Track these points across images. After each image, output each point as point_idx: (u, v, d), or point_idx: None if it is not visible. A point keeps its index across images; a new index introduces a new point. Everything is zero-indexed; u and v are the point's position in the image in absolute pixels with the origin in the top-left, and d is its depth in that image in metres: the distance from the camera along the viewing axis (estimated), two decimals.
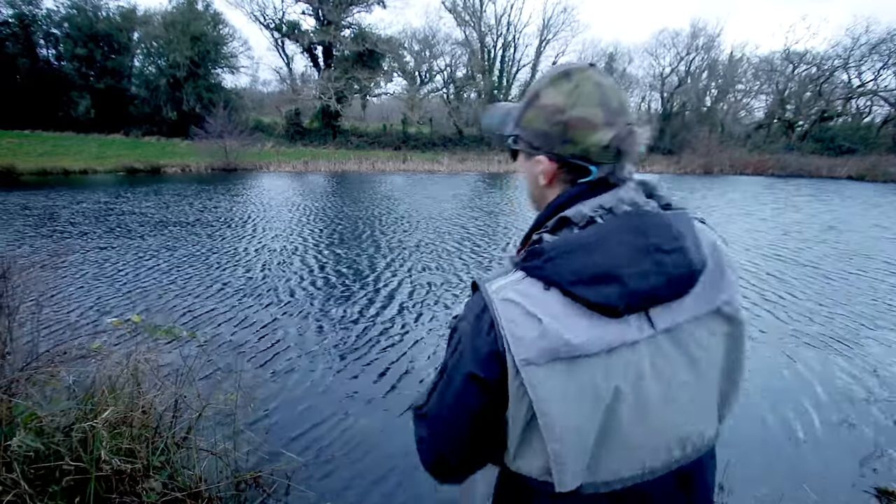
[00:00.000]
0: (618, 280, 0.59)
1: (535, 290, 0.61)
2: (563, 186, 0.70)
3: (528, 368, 0.59)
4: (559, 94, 0.66)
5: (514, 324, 0.60)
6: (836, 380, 3.41)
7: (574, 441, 0.61)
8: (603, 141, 0.64)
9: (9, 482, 1.53)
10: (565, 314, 0.59)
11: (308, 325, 4.24)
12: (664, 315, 0.62)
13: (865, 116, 35.39)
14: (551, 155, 0.68)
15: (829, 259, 7.04)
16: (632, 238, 0.61)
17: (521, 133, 0.71)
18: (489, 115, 0.80)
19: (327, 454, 2.49)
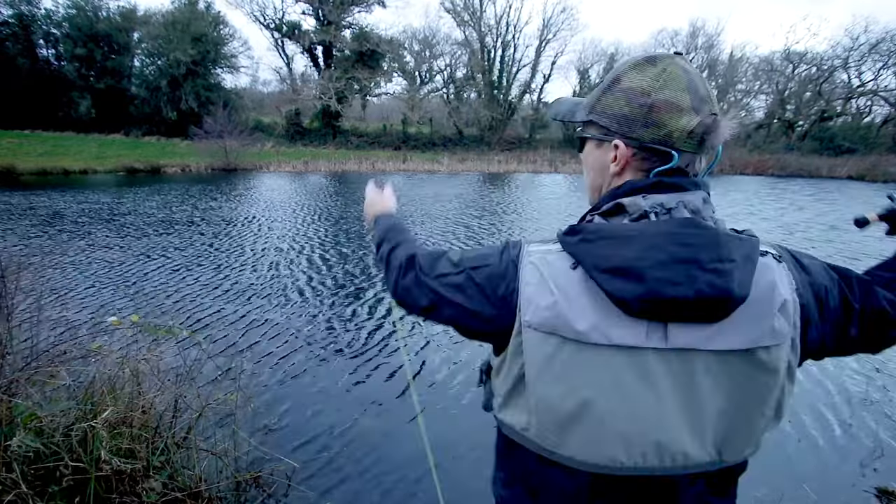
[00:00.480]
0: (638, 278, 0.57)
1: (562, 264, 0.62)
2: (636, 175, 0.66)
3: (528, 331, 0.62)
4: (644, 77, 0.63)
5: (529, 286, 0.62)
6: (836, 379, 3.41)
7: (549, 408, 0.63)
8: (689, 125, 0.61)
9: (8, 482, 1.52)
10: (580, 296, 0.60)
11: (309, 325, 4.24)
12: (684, 334, 0.59)
13: (865, 116, 35.40)
14: (629, 140, 0.65)
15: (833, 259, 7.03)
16: (673, 245, 0.57)
17: (596, 118, 0.68)
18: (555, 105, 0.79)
19: (328, 454, 2.48)
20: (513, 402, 0.68)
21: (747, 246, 0.61)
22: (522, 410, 0.66)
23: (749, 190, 18.34)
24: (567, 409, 0.62)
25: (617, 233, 0.60)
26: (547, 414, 0.64)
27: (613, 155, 0.66)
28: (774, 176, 25.96)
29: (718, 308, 0.58)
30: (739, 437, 0.65)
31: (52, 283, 5.15)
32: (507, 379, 0.67)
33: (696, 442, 0.63)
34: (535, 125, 38.74)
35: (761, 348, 0.60)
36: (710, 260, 0.57)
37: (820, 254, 5.70)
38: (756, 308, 0.59)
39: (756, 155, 29.81)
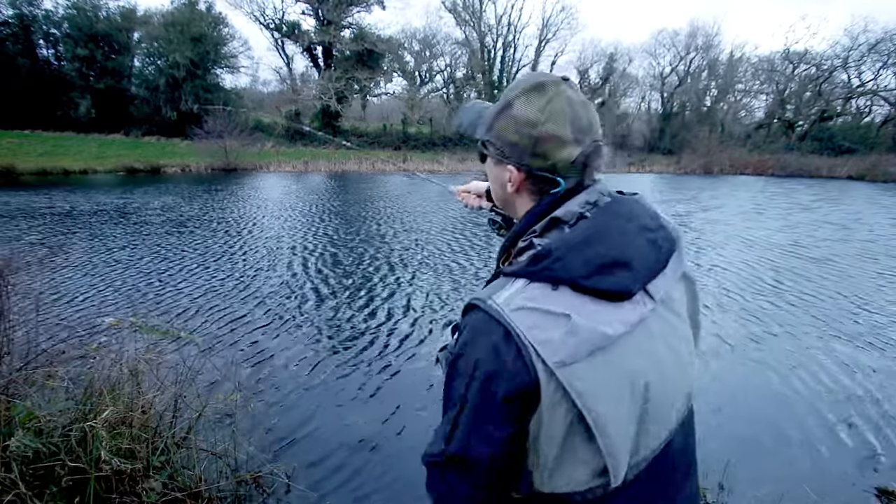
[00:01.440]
0: (627, 265, 0.62)
1: (544, 293, 0.60)
2: (531, 195, 0.72)
3: (564, 369, 0.57)
4: (532, 107, 0.67)
5: (537, 329, 0.58)
6: (836, 379, 3.41)
7: (622, 431, 0.60)
8: (571, 157, 0.66)
9: (7, 482, 1.52)
10: (583, 307, 0.59)
11: (309, 325, 4.23)
12: (658, 286, 0.66)
13: (865, 116, 35.40)
14: (520, 165, 0.69)
15: (840, 257, 7.04)
16: (624, 224, 0.65)
17: (493, 139, 0.72)
18: (461, 114, 0.81)
19: (327, 454, 2.48)
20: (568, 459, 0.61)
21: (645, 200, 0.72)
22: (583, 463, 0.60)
23: (753, 189, 18.34)
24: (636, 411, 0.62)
25: (578, 239, 0.63)
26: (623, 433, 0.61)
27: (509, 176, 0.72)
28: (774, 176, 25.96)
29: (671, 253, 0.69)
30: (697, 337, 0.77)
31: (51, 283, 5.14)
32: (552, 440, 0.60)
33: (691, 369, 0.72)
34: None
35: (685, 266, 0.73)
36: (650, 220, 0.68)
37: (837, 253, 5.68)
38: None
39: (756, 155, 29.82)
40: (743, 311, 4.75)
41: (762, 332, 4.25)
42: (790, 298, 5.21)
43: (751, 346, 3.96)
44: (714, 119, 37.67)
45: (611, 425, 0.59)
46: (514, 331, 0.58)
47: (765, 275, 6.12)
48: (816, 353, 3.83)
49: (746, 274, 6.15)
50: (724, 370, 3.52)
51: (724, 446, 2.60)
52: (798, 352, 3.86)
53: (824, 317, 4.67)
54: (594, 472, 0.61)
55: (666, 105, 39.36)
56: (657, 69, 39.65)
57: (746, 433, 2.75)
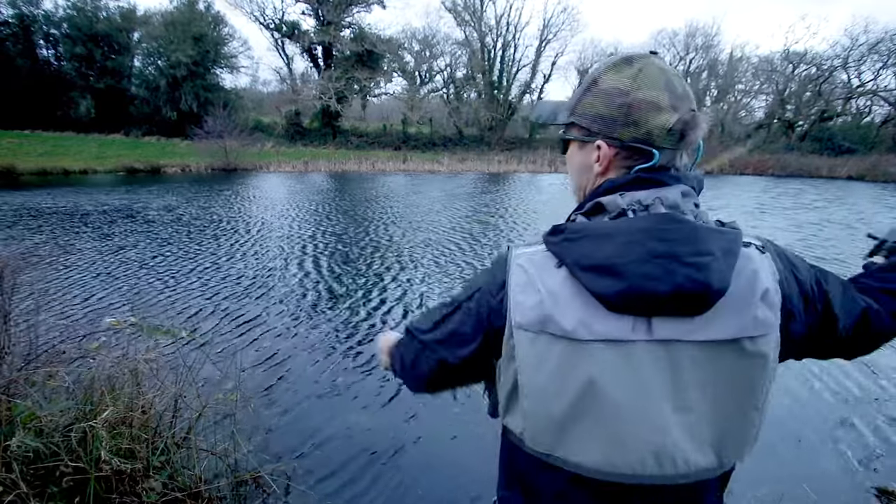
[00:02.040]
0: (618, 275, 0.58)
1: (547, 264, 0.63)
2: (619, 173, 0.67)
3: (518, 332, 0.63)
4: (622, 77, 0.64)
5: (518, 288, 0.63)
6: (836, 379, 3.41)
7: (542, 410, 0.64)
8: (668, 123, 0.62)
9: (8, 482, 1.52)
10: (566, 294, 0.61)
11: (309, 325, 4.23)
12: (667, 327, 0.59)
13: (865, 116, 35.39)
14: (611, 139, 0.65)
15: (845, 256, 7.04)
16: (650, 240, 0.58)
17: (578, 120, 0.69)
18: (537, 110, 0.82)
19: (328, 454, 2.48)
20: (511, 406, 0.69)
21: (728, 238, 0.61)
22: (518, 415, 0.68)
23: (755, 189, 18.34)
24: (560, 408, 0.63)
25: (597, 231, 0.61)
26: (540, 415, 0.65)
27: (597, 155, 0.67)
28: (775, 176, 25.96)
29: (698, 301, 0.58)
30: (736, 435, 0.64)
31: (52, 283, 5.15)
32: (505, 385, 0.68)
33: (695, 443, 0.62)
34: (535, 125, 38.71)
35: (746, 338, 0.60)
36: (688, 254, 0.58)
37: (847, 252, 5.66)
38: (738, 298, 0.60)
39: (756, 155, 29.81)
40: None
41: None
42: None
43: None
44: (714, 119, 37.68)
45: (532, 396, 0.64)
46: (507, 280, 0.65)
47: None
48: None
49: None
50: None
51: None
52: None
53: None
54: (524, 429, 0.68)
55: None
56: None
57: None
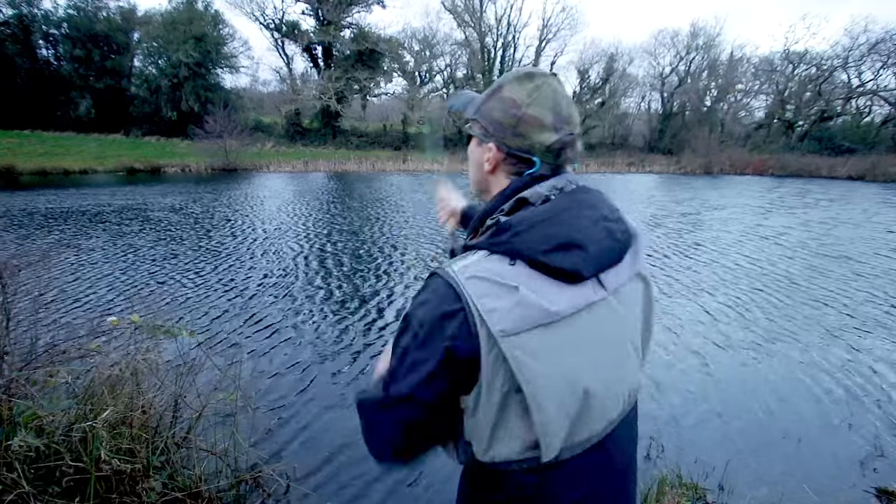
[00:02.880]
0: (581, 247, 0.64)
1: (500, 266, 0.63)
2: (507, 176, 0.75)
3: (507, 339, 0.59)
4: (521, 90, 0.71)
5: (486, 297, 0.61)
6: (836, 379, 3.41)
7: (557, 408, 0.62)
8: (548, 141, 0.70)
9: (9, 482, 1.52)
10: (533, 284, 0.62)
11: (309, 325, 4.24)
12: (611, 278, 0.68)
13: (865, 116, 35.36)
14: (501, 144, 0.73)
15: (847, 252, 7.05)
16: (586, 210, 0.68)
17: (480, 119, 0.76)
18: (455, 97, 0.84)
19: (327, 454, 2.48)
20: (502, 432, 0.64)
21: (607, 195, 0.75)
22: (518, 434, 0.64)
23: (758, 189, 18.33)
24: (578, 393, 0.63)
25: (542, 216, 0.66)
26: (559, 410, 0.62)
27: (489, 155, 0.74)
28: (775, 176, 25.95)
29: (627, 247, 0.71)
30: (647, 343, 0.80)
31: (52, 282, 5.14)
32: (489, 410, 0.63)
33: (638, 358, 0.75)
34: None
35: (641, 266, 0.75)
36: (609, 213, 0.71)
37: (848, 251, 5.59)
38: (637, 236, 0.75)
39: (756, 155, 29.81)
40: (748, 312, 4.76)
41: (767, 331, 4.26)
42: (793, 298, 5.21)
43: (753, 345, 3.96)
44: (714, 119, 37.66)
45: (546, 400, 0.61)
46: (464, 297, 0.61)
47: (769, 273, 6.13)
48: (816, 353, 3.83)
49: (751, 271, 6.15)
50: (725, 371, 3.52)
51: (723, 447, 2.61)
52: (799, 352, 3.86)
53: (828, 316, 4.67)
54: (526, 446, 0.64)
55: (666, 105, 39.34)
56: (657, 69, 39.66)
57: (746, 433, 2.75)
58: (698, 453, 2.54)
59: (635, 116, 41.12)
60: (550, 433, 0.62)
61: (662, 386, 3.25)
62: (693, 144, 30.81)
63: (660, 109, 39.92)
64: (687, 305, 4.90)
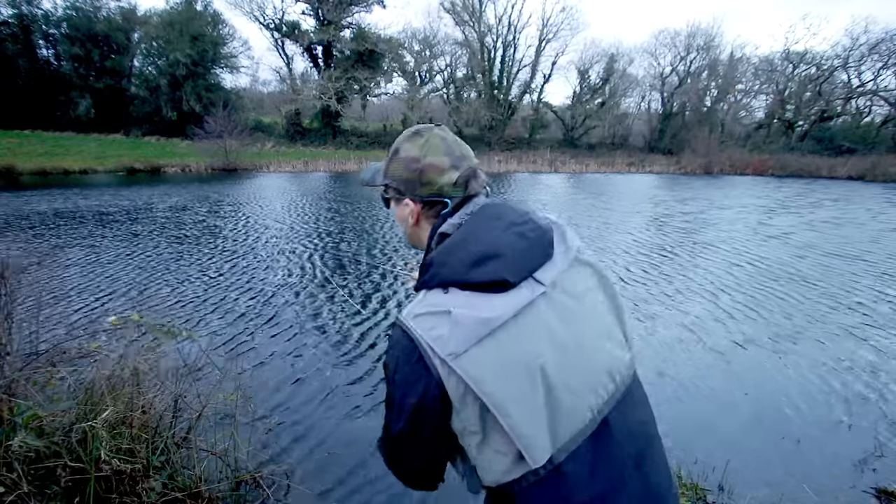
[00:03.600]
0: (498, 256, 0.69)
1: (437, 298, 0.69)
2: (429, 221, 0.83)
3: (457, 360, 0.63)
4: (414, 147, 0.81)
5: (431, 329, 0.66)
6: (836, 379, 3.41)
7: (524, 411, 0.64)
8: (452, 180, 0.79)
9: (9, 482, 1.52)
10: (468, 302, 0.66)
11: (309, 325, 4.24)
12: (546, 274, 0.71)
13: (865, 116, 35.37)
14: (414, 196, 0.82)
15: (855, 252, 7.04)
16: (493, 223, 0.74)
17: (390, 182, 0.85)
18: (365, 172, 0.93)
19: (328, 454, 2.48)
20: (489, 452, 0.67)
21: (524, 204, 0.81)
22: (503, 450, 0.66)
23: (760, 189, 18.33)
24: (541, 393, 0.64)
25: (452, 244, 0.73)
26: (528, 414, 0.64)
27: (409, 210, 0.83)
28: (775, 176, 25.95)
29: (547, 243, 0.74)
30: (625, 326, 0.80)
31: (53, 282, 5.15)
32: (473, 434, 0.67)
33: (620, 345, 0.75)
34: (535, 125, 38.73)
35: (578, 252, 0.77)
36: (517, 217, 0.75)
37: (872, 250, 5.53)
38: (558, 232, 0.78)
39: (756, 155, 29.81)
40: (750, 311, 4.76)
41: (769, 332, 4.26)
42: (795, 297, 5.21)
43: (754, 346, 3.96)
44: (714, 119, 37.66)
45: (511, 406, 0.63)
46: (413, 335, 0.67)
47: (771, 273, 6.12)
48: (817, 354, 3.83)
49: (757, 271, 6.15)
50: (726, 371, 3.52)
51: (723, 447, 2.61)
52: (799, 352, 3.86)
53: (831, 317, 4.67)
54: (514, 460, 0.66)
55: (666, 105, 39.35)
56: (657, 69, 39.68)
57: (746, 433, 2.75)
58: (698, 453, 2.54)
59: (635, 116, 41.12)
60: (527, 436, 0.63)
61: (662, 386, 3.25)
62: (693, 144, 30.81)
63: (660, 109, 39.93)
64: (690, 305, 4.91)
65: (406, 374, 0.68)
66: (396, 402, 0.70)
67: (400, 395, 0.69)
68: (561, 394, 0.66)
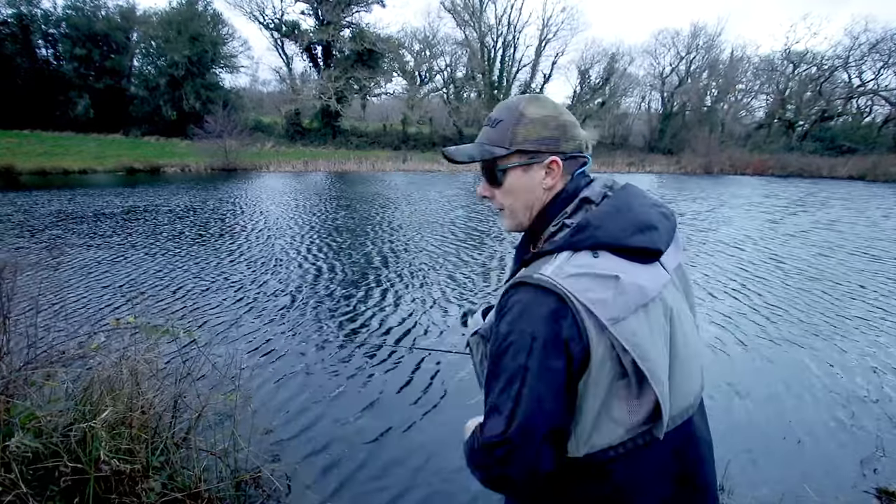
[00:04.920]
0: (656, 228, 0.73)
1: (589, 259, 0.67)
2: (565, 179, 0.80)
3: (618, 325, 0.62)
4: (544, 108, 0.79)
5: (590, 291, 0.63)
6: (836, 379, 3.41)
7: (667, 382, 0.66)
8: (586, 137, 0.81)
9: (7, 483, 1.52)
10: (622, 269, 0.67)
11: (312, 327, 4.23)
12: (669, 259, 0.75)
13: (866, 116, 35.37)
14: (558, 153, 0.78)
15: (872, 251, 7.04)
16: (642, 200, 0.77)
17: (522, 146, 0.78)
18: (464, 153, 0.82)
19: (327, 454, 2.48)
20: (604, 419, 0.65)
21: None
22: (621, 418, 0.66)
23: (763, 189, 18.33)
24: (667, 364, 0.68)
25: (614, 210, 0.73)
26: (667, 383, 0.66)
27: (545, 171, 0.78)
28: (775, 176, 25.94)
29: (674, 229, 0.79)
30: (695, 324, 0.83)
31: (51, 283, 5.14)
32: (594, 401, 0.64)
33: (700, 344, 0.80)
34: None
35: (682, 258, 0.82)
36: (651, 202, 0.78)
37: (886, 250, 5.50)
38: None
39: (756, 155, 29.80)
40: (753, 311, 4.75)
41: (771, 332, 4.25)
42: (799, 299, 5.21)
43: (755, 346, 3.96)
44: (714, 119, 37.65)
45: (663, 374, 0.65)
46: (568, 296, 0.63)
47: (775, 272, 6.12)
48: (818, 354, 3.83)
49: (769, 271, 6.15)
50: (726, 371, 3.51)
51: (723, 447, 2.60)
52: (801, 352, 3.86)
53: (834, 316, 4.67)
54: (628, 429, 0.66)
55: (666, 105, 39.34)
56: (658, 69, 39.68)
57: (746, 433, 2.75)
58: None
59: (635, 116, 41.12)
60: (666, 404, 0.66)
61: None
62: (693, 144, 30.79)
63: (660, 109, 39.93)
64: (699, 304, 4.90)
65: (552, 337, 0.62)
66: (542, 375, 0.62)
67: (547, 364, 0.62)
68: (681, 374, 0.70)
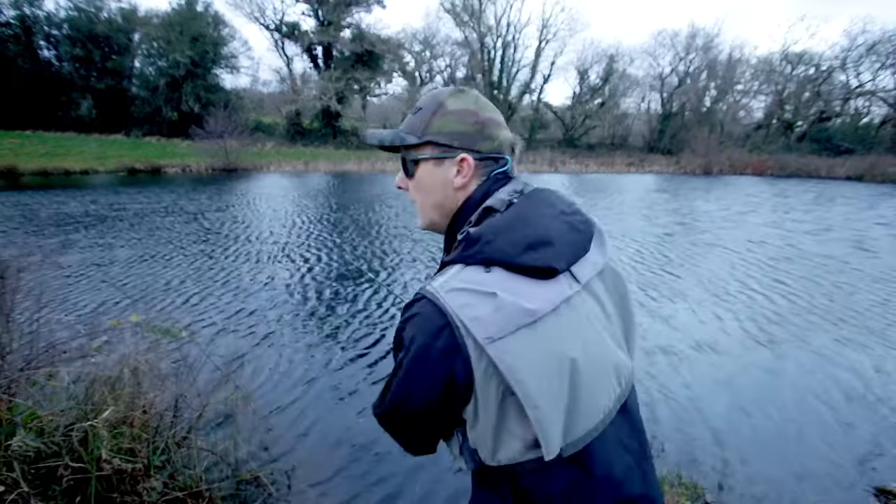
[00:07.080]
0: (550, 244, 0.67)
1: (477, 275, 0.65)
2: (479, 181, 0.76)
3: (493, 345, 0.61)
4: (465, 102, 0.75)
5: (468, 307, 0.62)
6: (836, 379, 3.41)
7: (550, 405, 0.62)
8: (508, 137, 0.77)
9: (10, 482, 1.53)
10: (512, 285, 0.64)
11: (312, 327, 4.24)
12: (582, 270, 0.70)
13: (864, 117, 35.40)
14: (472, 152, 0.75)
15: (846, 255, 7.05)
16: (546, 209, 0.71)
17: (433, 138, 0.75)
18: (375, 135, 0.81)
19: (328, 454, 2.49)
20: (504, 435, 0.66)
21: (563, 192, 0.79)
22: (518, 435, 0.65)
23: (764, 189, 18.34)
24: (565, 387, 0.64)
25: (508, 223, 0.69)
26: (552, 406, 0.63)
27: (457, 169, 0.75)
28: (774, 176, 25.95)
29: (590, 236, 0.74)
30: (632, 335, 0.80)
31: (53, 283, 5.15)
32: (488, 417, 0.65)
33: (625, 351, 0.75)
34: (535, 125, 38.74)
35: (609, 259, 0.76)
36: (566, 207, 0.74)
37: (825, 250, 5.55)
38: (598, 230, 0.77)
39: (755, 155, 29.82)
40: (754, 311, 4.76)
41: (772, 332, 4.26)
42: (802, 299, 5.21)
43: (755, 346, 3.96)
44: (713, 119, 37.67)
45: (540, 398, 0.62)
46: (447, 310, 0.62)
47: (774, 272, 6.13)
48: (818, 354, 3.83)
49: (766, 272, 6.15)
50: (727, 371, 3.52)
51: (723, 446, 2.61)
52: (801, 352, 3.86)
53: (836, 317, 4.68)
54: (527, 446, 0.65)
55: (665, 105, 39.35)
56: (657, 70, 39.67)
57: (746, 433, 2.75)
58: (698, 453, 2.55)
59: (635, 117, 41.12)
60: (548, 429, 0.62)
61: (662, 386, 3.25)
62: (692, 145, 30.81)
63: (659, 110, 39.92)
64: (695, 305, 4.91)
65: (429, 349, 0.63)
66: (409, 376, 0.66)
67: (417, 368, 0.65)
68: (582, 393, 0.65)
